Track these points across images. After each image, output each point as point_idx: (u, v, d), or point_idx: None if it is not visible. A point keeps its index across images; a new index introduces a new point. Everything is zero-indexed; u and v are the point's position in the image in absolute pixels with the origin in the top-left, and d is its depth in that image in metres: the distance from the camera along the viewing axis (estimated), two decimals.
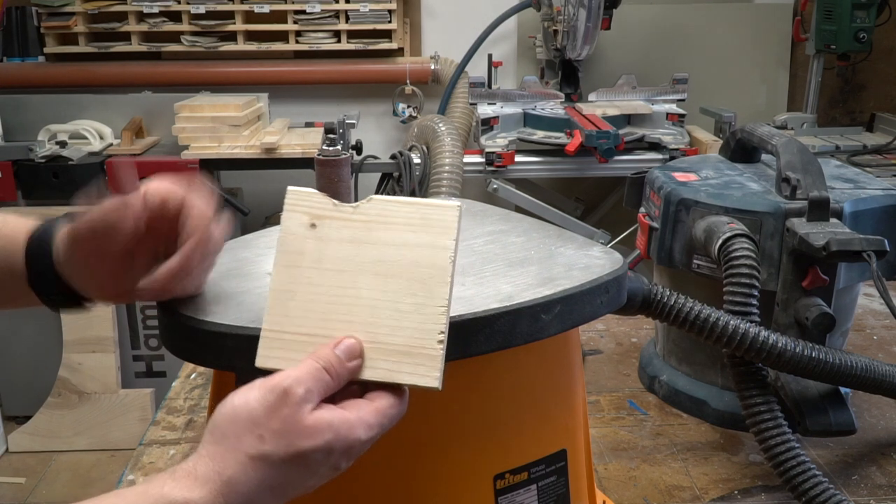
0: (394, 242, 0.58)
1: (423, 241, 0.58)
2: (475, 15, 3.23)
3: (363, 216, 0.59)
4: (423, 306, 0.57)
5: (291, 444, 0.53)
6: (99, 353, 2.68)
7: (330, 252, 0.59)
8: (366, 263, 0.58)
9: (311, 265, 0.59)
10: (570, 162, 2.65)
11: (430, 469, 0.69)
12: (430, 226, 0.58)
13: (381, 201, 0.59)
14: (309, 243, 0.59)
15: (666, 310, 0.84)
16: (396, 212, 0.58)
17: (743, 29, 3.33)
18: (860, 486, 1.00)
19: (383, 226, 0.58)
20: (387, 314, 0.58)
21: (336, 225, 0.59)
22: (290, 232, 0.59)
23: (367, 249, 0.58)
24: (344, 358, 0.57)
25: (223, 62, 3.20)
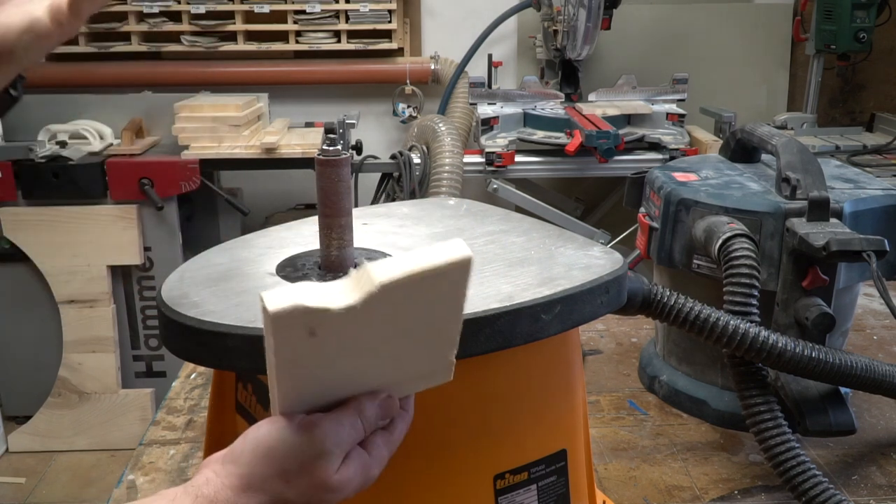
0: (406, 313, 0.53)
1: (437, 300, 0.53)
2: (475, 15, 3.23)
3: (368, 307, 0.50)
4: (438, 342, 0.57)
5: (315, 496, 0.55)
6: (99, 353, 2.68)
7: (338, 345, 0.52)
8: (379, 339, 0.54)
9: (320, 363, 0.53)
10: (570, 162, 2.65)
11: (430, 469, 0.69)
12: (442, 285, 0.52)
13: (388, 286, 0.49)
14: (311, 347, 0.51)
15: (666, 310, 0.84)
16: (405, 289, 0.50)
17: (743, 29, 3.33)
18: (860, 486, 1.00)
19: (392, 306, 0.51)
20: (404, 362, 0.57)
21: (338, 325, 0.50)
22: (285, 346, 0.51)
23: (379, 329, 0.53)
24: (382, 416, 0.58)
25: (223, 62, 3.20)
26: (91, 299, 2.64)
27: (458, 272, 0.52)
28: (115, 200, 2.59)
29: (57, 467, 2.68)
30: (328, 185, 0.69)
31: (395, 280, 0.49)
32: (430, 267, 0.50)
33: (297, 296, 0.49)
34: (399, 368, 0.57)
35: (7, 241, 2.60)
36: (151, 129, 2.90)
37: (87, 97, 2.89)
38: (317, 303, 0.49)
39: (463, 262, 0.51)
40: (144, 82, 3.12)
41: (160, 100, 2.88)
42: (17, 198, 2.57)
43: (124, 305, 2.71)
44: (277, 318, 0.48)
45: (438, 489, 0.69)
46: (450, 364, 0.58)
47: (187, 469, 1.04)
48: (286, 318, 0.49)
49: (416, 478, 0.68)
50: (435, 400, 0.67)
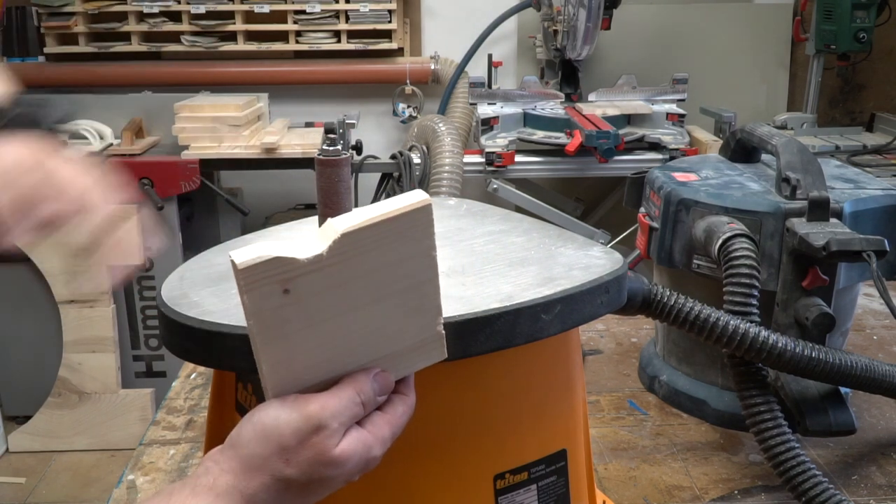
0: (376, 267, 0.54)
1: (406, 251, 0.54)
2: (475, 15, 3.23)
3: (336, 258, 0.51)
4: (420, 307, 0.57)
5: (316, 472, 0.54)
6: (99, 353, 2.68)
7: (315, 306, 0.52)
8: (356, 299, 0.54)
9: (299, 328, 0.53)
10: (570, 162, 2.65)
11: (430, 469, 0.69)
12: (407, 234, 0.53)
13: (352, 233, 0.51)
14: (288, 309, 0.52)
15: (666, 310, 0.84)
16: (368, 239, 0.52)
17: (743, 29, 3.33)
18: (860, 486, 1.00)
19: (362, 256, 0.52)
20: (390, 331, 0.56)
21: (311, 279, 0.51)
22: (262, 308, 0.51)
23: (353, 285, 0.53)
24: (379, 391, 0.57)
25: (223, 62, 3.20)
26: (91, 299, 2.64)
27: (419, 219, 0.53)
28: None
29: (57, 467, 2.68)
30: (328, 185, 0.69)
31: (356, 228, 0.51)
32: (389, 214, 0.52)
33: (263, 248, 0.50)
34: (387, 338, 0.56)
35: None
36: (151, 129, 2.90)
37: (87, 97, 2.89)
38: (284, 253, 0.50)
39: (422, 208, 0.53)
40: (144, 82, 3.13)
41: (160, 100, 2.88)
42: None
43: (124, 305, 2.71)
44: (247, 272, 0.49)
45: (438, 489, 0.69)
46: (439, 336, 0.58)
47: (187, 469, 1.04)
48: (255, 273, 0.49)
49: (416, 478, 0.68)
50: (435, 400, 0.67)
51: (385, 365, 0.57)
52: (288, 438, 0.54)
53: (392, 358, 0.57)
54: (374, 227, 0.52)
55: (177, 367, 1.32)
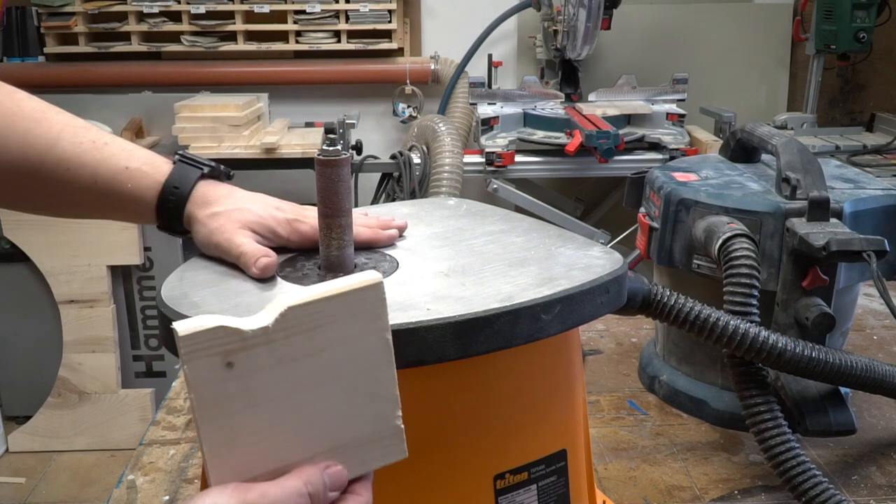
0: (325, 346, 0.51)
1: (355, 330, 0.52)
2: (475, 15, 3.24)
3: (282, 332, 0.50)
4: (374, 395, 0.53)
5: None
6: (99, 353, 2.68)
7: (259, 384, 0.50)
8: (304, 379, 0.51)
9: (243, 407, 0.50)
10: (570, 162, 2.65)
11: (430, 469, 0.69)
12: (357, 312, 0.51)
13: (296, 309, 0.50)
14: (230, 385, 0.49)
15: (666, 310, 0.84)
16: (318, 312, 0.50)
17: (743, 29, 3.33)
18: (860, 486, 1.00)
19: (308, 333, 0.50)
20: (341, 418, 0.53)
21: (256, 353, 0.49)
22: (203, 381, 0.48)
23: (300, 364, 0.51)
24: (330, 485, 0.52)
25: (223, 62, 3.20)
26: (91, 299, 2.64)
27: (370, 297, 0.51)
28: None
29: (57, 467, 2.68)
30: (328, 185, 0.69)
31: (303, 302, 0.50)
32: (338, 289, 0.50)
33: (207, 318, 0.48)
34: (339, 428, 0.53)
35: (7, 241, 2.60)
36: (151, 129, 2.90)
37: (87, 97, 2.89)
38: (228, 323, 0.48)
39: (373, 286, 0.51)
40: (144, 82, 3.13)
41: (160, 100, 2.88)
42: None
43: (124, 305, 2.71)
44: (188, 340, 0.47)
45: (438, 489, 0.69)
46: (398, 430, 0.55)
47: (187, 469, 1.04)
48: (197, 342, 0.47)
49: (415, 478, 0.68)
50: (435, 400, 0.67)
51: (338, 459, 0.53)
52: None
53: (346, 451, 0.54)
54: (322, 302, 0.50)
55: (177, 367, 1.31)
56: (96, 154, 0.75)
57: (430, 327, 0.60)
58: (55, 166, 0.73)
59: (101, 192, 0.75)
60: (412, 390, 0.65)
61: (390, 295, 0.66)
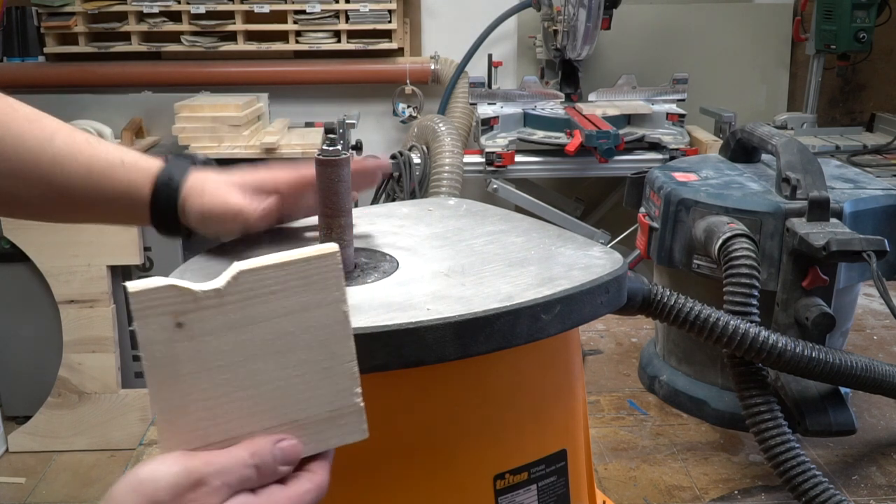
0: (280, 313, 0.50)
1: (311, 300, 0.51)
2: (475, 15, 3.24)
3: (235, 296, 0.49)
4: (331, 370, 0.52)
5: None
6: (99, 353, 2.68)
7: (211, 348, 0.49)
8: (257, 347, 0.50)
9: (194, 371, 0.49)
10: (570, 162, 2.65)
11: (430, 469, 0.69)
12: (312, 281, 0.50)
13: (249, 273, 0.49)
14: (181, 346, 0.49)
15: (666, 310, 0.84)
16: (271, 278, 0.50)
17: (743, 29, 3.33)
18: (860, 486, 1.00)
19: (262, 298, 0.50)
20: (296, 391, 0.51)
21: (208, 315, 0.49)
22: (154, 341, 0.48)
23: (253, 331, 0.50)
24: (281, 459, 0.51)
25: (223, 62, 3.20)
26: (91, 299, 2.64)
27: (325, 266, 0.51)
28: None
29: (57, 467, 2.68)
30: (328, 185, 0.69)
31: (255, 266, 0.49)
32: (291, 256, 0.50)
33: (159, 279, 0.48)
34: (294, 401, 0.52)
35: (7, 241, 2.60)
36: (151, 129, 2.90)
37: (87, 97, 2.89)
38: (179, 283, 0.48)
39: (328, 255, 0.50)
40: (144, 82, 3.13)
41: (160, 100, 2.88)
42: None
43: (124, 305, 2.71)
44: (139, 297, 0.47)
45: (438, 489, 0.69)
46: (357, 409, 0.53)
47: None
48: (147, 299, 0.47)
49: (415, 478, 0.68)
50: (435, 400, 0.67)
51: (294, 434, 0.52)
52: (162, 492, 0.47)
53: (301, 427, 0.52)
54: (275, 268, 0.49)
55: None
56: (90, 150, 0.74)
57: (430, 327, 0.60)
58: (50, 165, 0.73)
59: (95, 188, 0.74)
60: (412, 390, 0.65)
61: (390, 295, 0.66)
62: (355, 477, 0.65)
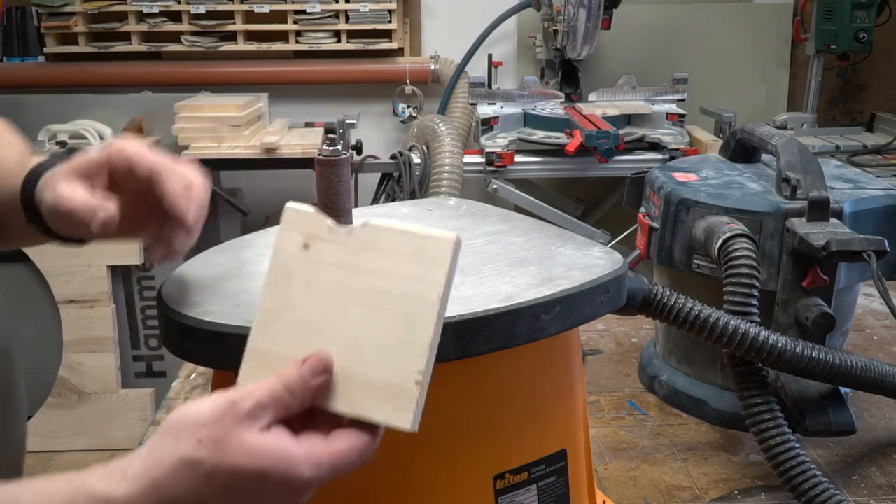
0: (384, 272, 0.55)
1: (414, 273, 0.54)
2: (475, 15, 3.23)
3: (357, 242, 0.55)
4: (406, 343, 0.54)
5: (224, 457, 0.49)
6: (99, 353, 2.68)
7: (320, 276, 0.56)
8: (354, 292, 0.55)
9: (300, 288, 0.56)
10: (570, 162, 2.64)
11: (431, 469, 0.69)
12: (423, 257, 0.54)
13: (377, 228, 0.55)
14: (300, 265, 0.56)
15: (666, 310, 0.84)
16: (391, 240, 0.55)
17: (743, 29, 3.33)
18: (860, 486, 1.00)
19: (376, 253, 0.55)
20: (368, 347, 0.54)
21: (329, 249, 0.56)
22: (284, 251, 0.57)
23: (357, 277, 0.55)
24: (308, 375, 0.52)
25: (223, 62, 3.20)
26: (91, 299, 2.64)
27: (439, 250, 0.54)
28: None
29: (57, 467, 2.68)
30: (328, 185, 0.69)
31: (381, 225, 0.55)
32: (415, 230, 0.55)
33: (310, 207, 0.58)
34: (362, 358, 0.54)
35: None
36: (151, 129, 2.89)
37: (87, 97, 2.89)
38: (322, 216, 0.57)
39: (446, 240, 0.54)
40: (144, 82, 3.12)
41: (160, 100, 2.88)
42: None
43: (124, 305, 2.71)
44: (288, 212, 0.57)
45: (438, 489, 0.69)
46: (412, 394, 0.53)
47: None
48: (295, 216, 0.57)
49: (416, 478, 0.68)
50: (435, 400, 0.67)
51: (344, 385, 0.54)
52: (204, 416, 0.50)
53: (353, 383, 0.54)
54: (397, 232, 0.55)
55: (177, 367, 1.32)
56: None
57: None
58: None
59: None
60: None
61: None
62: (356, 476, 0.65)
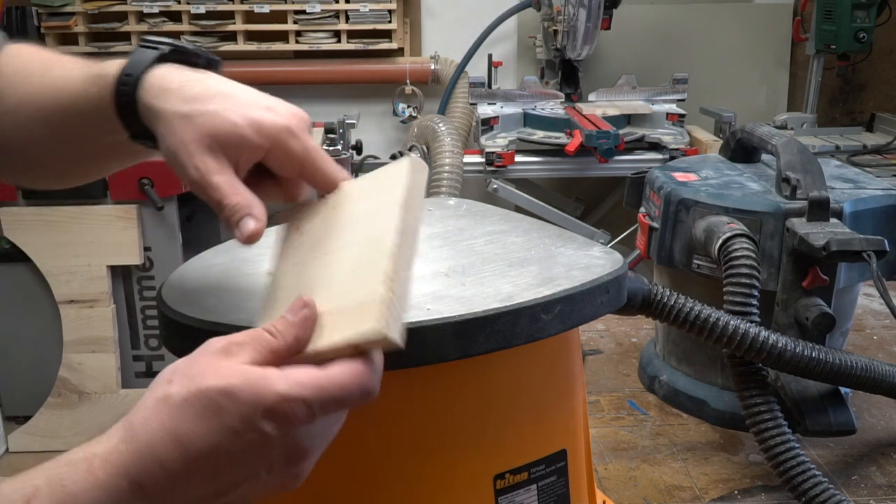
0: (353, 212, 0.59)
1: (376, 199, 0.58)
2: (475, 15, 3.23)
3: (332, 203, 0.61)
4: (373, 262, 0.51)
5: (193, 382, 0.46)
6: (99, 353, 2.68)
7: (302, 245, 0.60)
8: (329, 244, 0.58)
9: (287, 263, 0.60)
10: (570, 162, 2.65)
11: (431, 469, 0.69)
12: (382, 183, 0.59)
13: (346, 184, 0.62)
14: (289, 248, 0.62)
15: (666, 310, 0.84)
16: (356, 186, 0.61)
17: (743, 29, 3.33)
18: (860, 486, 1.00)
19: (346, 201, 0.61)
20: (341, 281, 0.53)
21: (310, 220, 0.61)
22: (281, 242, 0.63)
23: (333, 228, 0.59)
24: (288, 313, 0.50)
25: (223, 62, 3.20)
26: (91, 299, 2.64)
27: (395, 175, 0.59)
28: (114, 200, 2.59)
29: None
30: None
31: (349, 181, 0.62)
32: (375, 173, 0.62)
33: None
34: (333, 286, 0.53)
35: (7, 241, 2.60)
36: None
37: None
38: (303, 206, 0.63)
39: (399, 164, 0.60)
40: None
41: None
42: (17, 198, 2.57)
43: (124, 305, 2.71)
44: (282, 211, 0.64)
45: (438, 489, 0.69)
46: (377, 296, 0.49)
47: None
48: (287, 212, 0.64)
49: (416, 477, 0.68)
50: (435, 400, 0.67)
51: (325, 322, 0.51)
52: (180, 361, 0.48)
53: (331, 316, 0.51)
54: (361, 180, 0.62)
55: None
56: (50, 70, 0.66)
57: (430, 327, 0.60)
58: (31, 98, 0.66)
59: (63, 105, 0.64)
60: (412, 390, 0.65)
61: None
62: (356, 476, 0.65)
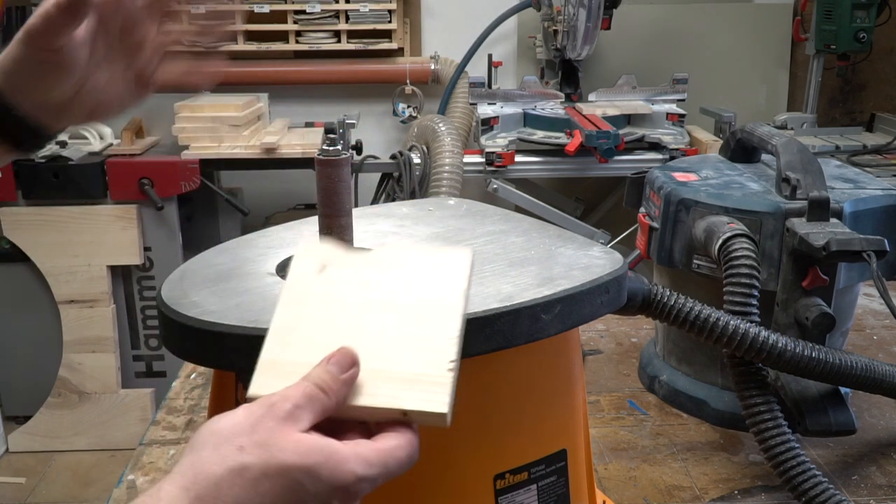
0: (405, 285, 0.57)
1: (435, 281, 0.57)
2: (475, 15, 3.23)
3: (375, 262, 0.59)
4: (433, 338, 0.55)
5: (273, 457, 0.47)
6: (99, 353, 2.68)
7: (338, 292, 0.57)
8: (374, 302, 0.57)
9: (317, 303, 0.57)
10: (570, 162, 2.64)
11: (431, 469, 0.69)
12: (442, 268, 0.58)
13: (395, 249, 0.59)
14: (317, 286, 0.58)
15: (666, 310, 0.84)
16: (410, 258, 0.59)
17: (743, 29, 3.33)
18: (860, 486, 1.00)
19: (395, 270, 0.58)
20: (393, 343, 0.55)
21: (346, 270, 0.58)
22: (298, 275, 0.59)
23: (377, 291, 0.57)
24: (337, 371, 0.52)
25: None
26: (91, 299, 2.64)
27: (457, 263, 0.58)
28: (114, 200, 2.59)
29: (57, 467, 2.68)
30: (328, 185, 0.69)
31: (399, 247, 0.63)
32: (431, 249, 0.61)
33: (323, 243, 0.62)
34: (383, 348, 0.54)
35: (7, 241, 2.60)
36: (151, 129, 2.90)
37: None
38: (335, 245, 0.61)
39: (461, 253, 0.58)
40: None
41: (160, 100, 2.87)
42: (17, 198, 2.57)
43: (124, 305, 2.71)
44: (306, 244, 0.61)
45: (438, 489, 0.69)
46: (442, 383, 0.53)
47: None
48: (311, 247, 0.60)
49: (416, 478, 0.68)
50: None
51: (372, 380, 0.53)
52: (241, 425, 0.48)
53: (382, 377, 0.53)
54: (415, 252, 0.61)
55: (177, 367, 1.32)
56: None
57: None
58: None
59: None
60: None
61: None
62: None
